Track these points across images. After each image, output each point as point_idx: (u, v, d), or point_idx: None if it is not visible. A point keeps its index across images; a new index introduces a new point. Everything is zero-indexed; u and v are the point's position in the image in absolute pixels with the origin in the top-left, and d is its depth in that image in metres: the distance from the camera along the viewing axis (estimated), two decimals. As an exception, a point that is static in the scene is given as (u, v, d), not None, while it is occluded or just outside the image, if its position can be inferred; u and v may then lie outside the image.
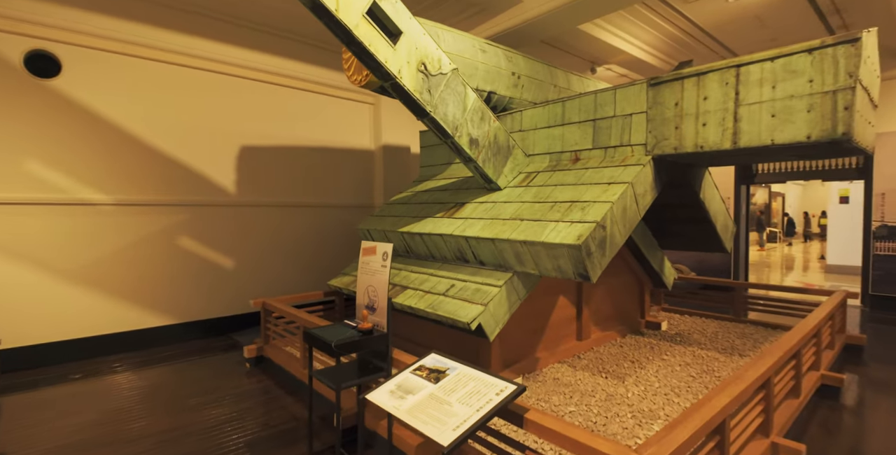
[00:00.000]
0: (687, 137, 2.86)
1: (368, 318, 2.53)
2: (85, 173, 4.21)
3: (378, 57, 2.77)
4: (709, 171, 3.84)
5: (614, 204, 2.75)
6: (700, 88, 2.79)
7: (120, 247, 4.43)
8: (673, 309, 5.44)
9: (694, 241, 4.30)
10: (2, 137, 3.81)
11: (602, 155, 3.33)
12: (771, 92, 2.51)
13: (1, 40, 3.78)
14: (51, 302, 4.06)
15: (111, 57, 4.29)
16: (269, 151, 5.39)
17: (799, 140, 2.43)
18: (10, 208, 3.86)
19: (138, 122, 4.48)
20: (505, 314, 3.03)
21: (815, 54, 2.37)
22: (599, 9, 4.07)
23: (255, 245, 5.31)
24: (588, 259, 2.61)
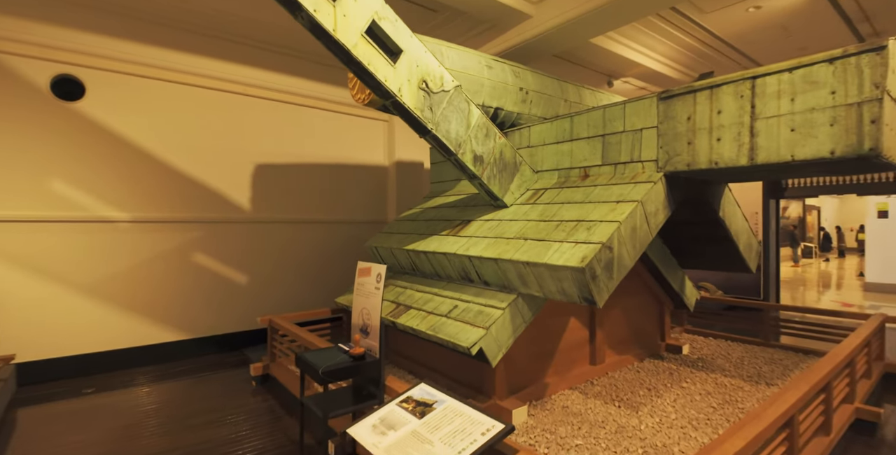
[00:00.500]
0: (700, 153, 2.71)
1: (362, 341, 2.45)
2: (104, 191, 4.34)
3: (377, 76, 2.75)
4: (729, 187, 3.64)
5: (622, 224, 2.61)
6: (713, 102, 2.65)
7: (136, 263, 4.52)
8: (696, 331, 5.16)
9: (716, 261, 4.07)
10: (27, 158, 3.96)
11: (612, 171, 3.19)
12: (790, 105, 2.35)
13: (30, 66, 3.97)
14: (67, 317, 4.15)
15: (131, 79, 4.45)
16: (283, 168, 5.46)
17: (822, 156, 2.25)
18: (33, 226, 4.00)
19: (156, 141, 4.60)
20: (509, 338, 2.90)
21: (836, 64, 2.21)
22: (610, 22, 3.98)
23: (267, 261, 5.34)
24: (593, 282, 2.47)
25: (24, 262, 3.95)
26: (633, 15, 3.88)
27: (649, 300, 4.51)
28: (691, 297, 4.59)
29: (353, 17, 2.64)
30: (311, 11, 2.47)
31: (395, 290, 3.90)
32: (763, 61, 6.08)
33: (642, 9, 3.81)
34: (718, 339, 4.88)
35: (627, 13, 3.85)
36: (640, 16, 3.92)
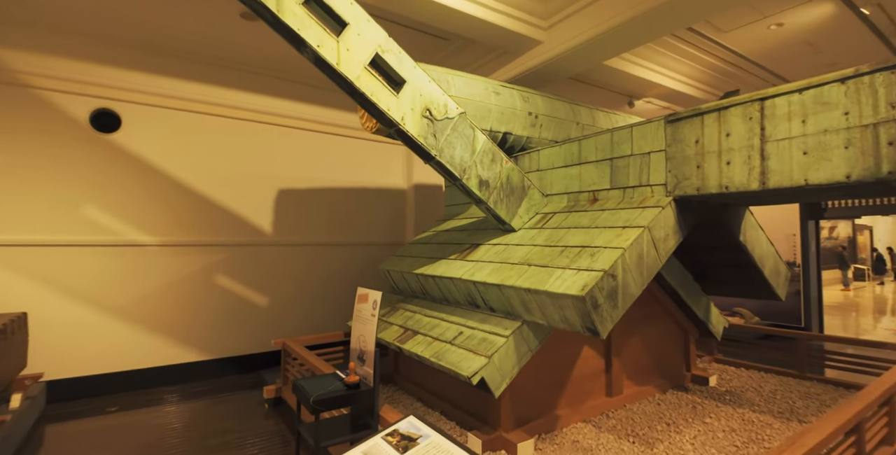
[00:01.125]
0: (710, 177, 2.61)
1: (359, 369, 2.44)
2: (134, 217, 4.58)
3: (380, 105, 2.82)
4: (750, 210, 3.47)
5: (626, 250, 2.52)
6: (721, 124, 2.56)
7: (162, 285, 4.71)
8: (728, 361, 4.85)
9: (741, 287, 3.85)
10: (64, 186, 4.25)
11: (620, 195, 3.12)
12: (801, 127, 2.25)
13: (72, 101, 4.31)
14: (95, 337, 4.35)
15: (162, 111, 4.75)
16: (304, 193, 5.63)
17: (837, 180, 2.12)
18: (68, 249, 4.25)
19: (183, 168, 4.86)
20: (513, 367, 2.81)
21: (848, 84, 2.10)
22: (620, 46, 3.96)
23: (288, 283, 5.45)
24: (595, 312, 2.38)
25: (57, 284, 4.19)
26: (642, 38, 3.85)
27: (672, 328, 4.30)
28: (718, 325, 4.35)
29: (357, 51, 2.74)
30: (315, 47, 2.59)
31: (404, 314, 3.89)
32: (791, 78, 5.86)
33: (651, 32, 3.78)
34: (751, 370, 4.57)
35: (637, 37, 3.82)
36: (649, 39, 3.88)
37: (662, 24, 3.68)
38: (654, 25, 3.67)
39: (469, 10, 3.77)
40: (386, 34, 2.87)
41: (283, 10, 2.48)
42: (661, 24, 3.67)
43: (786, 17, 4.31)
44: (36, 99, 4.13)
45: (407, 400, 3.83)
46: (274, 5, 2.45)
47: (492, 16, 3.89)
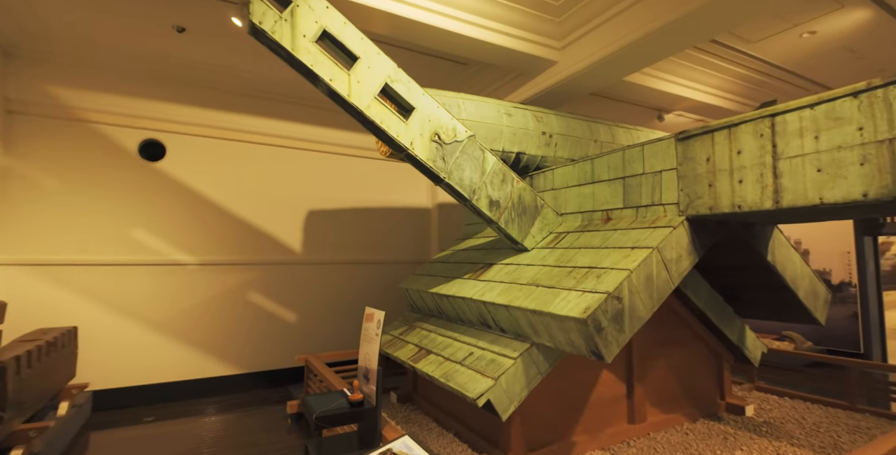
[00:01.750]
0: (722, 196, 2.52)
1: (363, 387, 2.49)
2: (176, 238, 4.93)
3: (389, 132, 2.94)
4: (779, 229, 3.29)
5: (633, 272, 2.46)
6: (732, 141, 2.48)
7: (200, 302, 5.01)
8: (770, 389, 4.52)
9: (776, 310, 3.62)
10: (115, 211, 4.66)
11: (633, 215, 3.05)
12: (814, 143, 2.14)
13: (123, 133, 4.75)
14: (138, 350, 4.66)
15: (202, 140, 5.13)
16: (333, 213, 5.85)
17: (854, 199, 2.00)
18: (116, 269, 4.63)
19: (220, 191, 5.20)
20: (522, 390, 2.77)
21: (861, 98, 2.00)
22: (637, 62, 3.92)
23: (317, 300, 5.64)
24: (598, 335, 2.33)
25: (106, 300, 4.55)
26: (659, 54, 3.80)
27: (703, 352, 4.08)
28: (755, 350, 4.08)
29: (367, 83, 2.88)
30: (328, 80, 2.75)
31: (421, 332, 3.92)
32: (835, 85, 5.54)
33: (668, 48, 3.72)
34: (795, 400, 4.24)
35: (652, 53, 3.78)
36: (667, 54, 3.82)
37: (679, 40, 3.63)
38: (669, 42, 3.62)
39: (482, 36, 3.88)
40: (395, 65, 3.00)
41: (298, 49, 2.66)
42: (677, 41, 3.62)
43: (818, 24, 4.12)
44: (92, 132, 4.59)
45: (423, 420, 3.83)
46: (289, 44, 2.64)
47: (505, 40, 3.97)
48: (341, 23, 2.83)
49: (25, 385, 2.91)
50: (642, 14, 3.51)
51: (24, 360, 2.91)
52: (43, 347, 3.24)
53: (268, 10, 2.58)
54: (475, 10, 3.74)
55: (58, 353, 3.55)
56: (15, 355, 2.80)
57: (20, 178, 4.27)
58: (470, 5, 3.70)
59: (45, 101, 4.38)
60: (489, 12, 3.80)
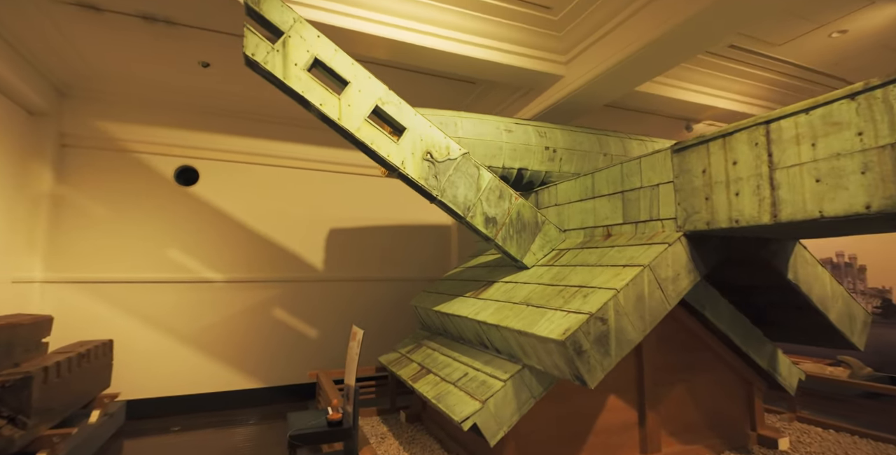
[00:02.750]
0: (719, 210, 2.35)
1: (344, 406, 2.49)
2: (206, 257, 5.24)
3: (380, 152, 3.01)
4: (801, 244, 3.01)
5: (620, 292, 2.33)
6: (727, 152, 2.33)
7: (226, 317, 5.26)
8: (814, 420, 4.07)
9: (807, 334, 3.29)
10: (153, 233, 5.03)
11: (633, 230, 2.90)
12: (811, 151, 1.96)
13: (161, 161, 5.15)
14: (169, 362, 4.94)
15: (231, 165, 5.46)
16: (353, 231, 6.00)
17: (857, 211, 1.80)
18: (152, 286, 4.97)
19: (246, 213, 5.48)
20: (512, 414, 2.67)
21: (859, 100, 1.82)
22: (645, 71, 3.78)
23: (337, 316, 5.75)
24: (579, 358, 2.21)
25: (141, 315, 4.88)
26: (667, 62, 3.65)
27: (730, 379, 3.75)
28: (790, 377, 3.70)
29: (357, 106, 2.98)
30: (318, 105, 2.87)
31: (425, 351, 3.89)
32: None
33: (675, 56, 3.57)
34: (841, 433, 3.78)
35: (660, 62, 3.63)
36: (676, 62, 3.66)
37: (683, 48, 3.48)
38: (674, 50, 3.48)
39: (484, 56, 3.90)
40: (386, 88, 3.08)
41: (289, 77, 2.81)
42: (681, 48, 3.47)
43: (847, 23, 3.82)
44: (134, 161, 5.02)
45: (428, 441, 3.76)
46: (281, 73, 2.79)
47: (508, 58, 3.98)
48: (332, 50, 2.96)
49: (53, 393, 3.16)
50: (641, 25, 3.41)
51: (53, 370, 3.16)
52: (74, 359, 3.51)
53: (260, 42, 2.75)
54: (475, 31, 3.78)
55: (90, 363, 3.83)
56: (43, 366, 3.05)
57: (71, 205, 4.73)
58: (469, 26, 3.75)
59: (94, 134, 4.86)
60: (489, 32, 3.83)
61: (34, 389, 2.87)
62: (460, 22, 3.70)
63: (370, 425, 4.23)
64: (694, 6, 3.07)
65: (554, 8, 3.61)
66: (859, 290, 6.36)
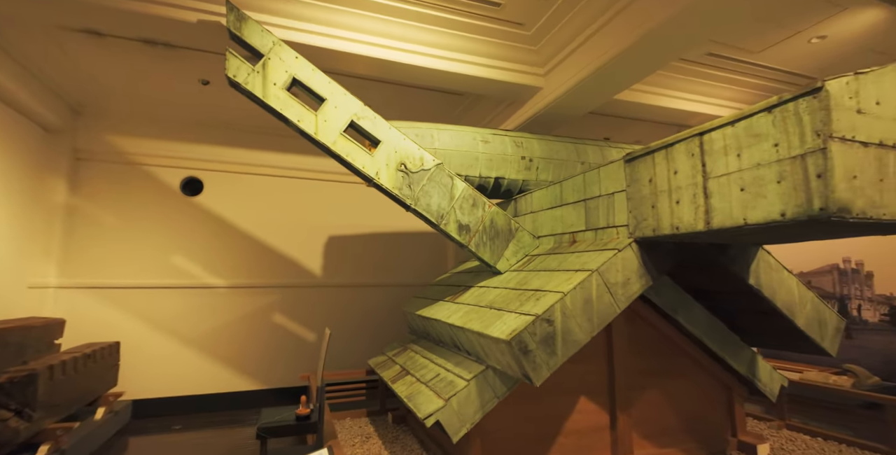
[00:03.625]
0: (663, 217, 2.45)
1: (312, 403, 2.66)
2: (208, 263, 5.52)
3: (355, 164, 3.20)
4: (765, 250, 3.05)
5: (567, 295, 2.45)
6: (669, 162, 2.43)
7: (228, 321, 5.51)
8: (804, 428, 4.04)
9: (775, 338, 3.31)
10: (160, 241, 5.33)
11: (594, 237, 3.01)
12: (737, 161, 2.06)
13: (167, 173, 5.48)
14: (173, 364, 5.21)
15: (234, 176, 5.75)
16: (350, 239, 6.21)
17: (774, 218, 1.89)
18: (158, 291, 5.26)
19: (248, 221, 5.75)
20: (475, 413, 2.79)
21: (775, 113, 1.92)
22: (622, 80, 3.87)
23: (334, 321, 5.95)
24: (525, 357, 2.33)
25: (148, 319, 5.17)
26: (640, 71, 3.73)
27: (709, 383, 3.78)
28: (771, 383, 3.71)
29: (333, 121, 3.19)
30: (296, 121, 3.09)
31: (408, 354, 4.04)
32: (876, 90, 5.03)
33: (649, 64, 3.65)
34: (829, 442, 3.75)
35: (633, 70, 3.72)
36: (649, 70, 3.74)
37: (656, 56, 3.56)
38: (647, 57, 3.55)
39: (464, 70, 4.05)
40: (361, 104, 3.28)
41: (268, 96, 3.04)
42: (654, 56, 3.55)
43: (823, 29, 3.85)
44: (143, 173, 5.36)
45: (409, 441, 3.89)
46: (260, 93, 3.02)
47: (488, 72, 4.13)
48: (310, 70, 3.18)
49: (58, 390, 3.43)
50: (611, 36, 3.53)
51: (59, 368, 3.43)
52: (80, 358, 3.78)
53: (241, 64, 2.99)
54: (452, 47, 3.96)
55: (96, 363, 4.10)
56: (49, 364, 3.32)
57: (84, 215, 5.08)
58: (446, 43, 3.93)
59: (105, 149, 5.21)
60: (466, 48, 4.00)
61: (39, 386, 3.13)
62: (436, 39, 3.88)
63: (358, 426, 4.39)
64: (659, 16, 3.14)
65: (526, 24, 3.77)
66: (866, 297, 6.22)
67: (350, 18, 3.66)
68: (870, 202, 1.78)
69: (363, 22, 3.69)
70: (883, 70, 1.91)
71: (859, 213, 1.75)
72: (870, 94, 1.85)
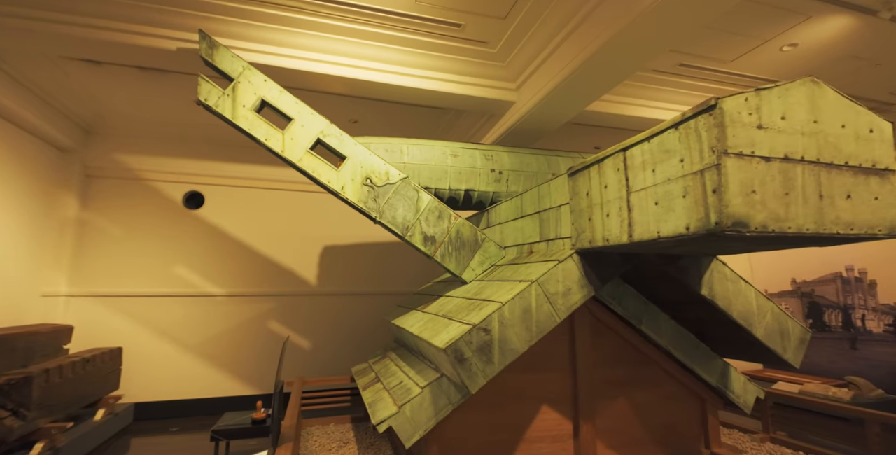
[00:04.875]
0: (597, 230, 2.51)
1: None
2: (208, 273, 5.81)
3: (321, 180, 3.38)
4: (720, 261, 3.06)
5: (505, 305, 2.53)
6: (602, 176, 2.50)
7: (226, 328, 5.77)
8: (787, 442, 3.94)
9: (738, 349, 3.28)
10: (162, 252, 5.66)
11: (546, 248, 3.09)
12: (652, 176, 2.12)
13: (171, 187, 5.81)
14: (173, 369, 5.49)
15: (234, 189, 6.06)
16: (344, 249, 6.41)
17: (680, 232, 1.94)
18: (161, 299, 5.57)
19: (246, 232, 6.03)
20: (429, 420, 2.88)
21: (681, 129, 1.98)
22: (589, 91, 3.94)
23: (327, 328, 6.14)
24: (460, 365, 2.42)
25: (150, 326, 5.48)
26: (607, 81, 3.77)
27: (681, 394, 3.75)
28: (745, 395, 3.65)
29: (300, 139, 3.38)
30: (263, 140, 3.30)
31: (384, 362, 4.16)
32: (864, 97, 4.93)
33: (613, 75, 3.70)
34: (809, 456, 3.66)
35: (599, 81, 3.78)
36: (616, 80, 3.78)
37: (621, 66, 3.60)
38: (611, 67, 3.60)
39: (437, 88, 4.20)
40: (328, 122, 3.47)
41: (237, 117, 3.26)
42: (618, 66, 3.59)
43: (793, 37, 3.83)
44: (146, 188, 5.71)
45: (384, 446, 4.00)
46: (230, 114, 3.25)
47: (461, 89, 4.27)
48: (278, 92, 3.39)
49: (55, 392, 3.70)
50: (571, 50, 3.61)
51: (55, 372, 3.71)
52: (77, 363, 4.07)
53: (212, 89, 3.22)
54: (424, 66, 4.12)
55: (95, 367, 4.39)
56: (45, 368, 3.60)
57: (93, 228, 5.45)
58: (418, 62, 4.10)
59: (113, 166, 5.59)
60: (438, 66, 4.16)
61: (34, 388, 3.40)
62: (408, 59, 4.06)
63: (340, 432, 4.52)
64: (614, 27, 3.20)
65: (490, 42, 3.90)
66: (870, 306, 6.00)
67: (325, 42, 3.87)
68: (773, 216, 1.82)
69: (337, 45, 3.90)
70: (789, 85, 1.95)
71: (759, 227, 1.79)
72: (774, 110, 1.90)
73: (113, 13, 3.32)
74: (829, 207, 1.93)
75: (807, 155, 1.93)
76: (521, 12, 3.46)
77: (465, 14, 3.49)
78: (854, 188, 2.00)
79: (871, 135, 2.08)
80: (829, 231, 1.92)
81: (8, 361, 3.63)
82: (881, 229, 2.03)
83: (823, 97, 2.01)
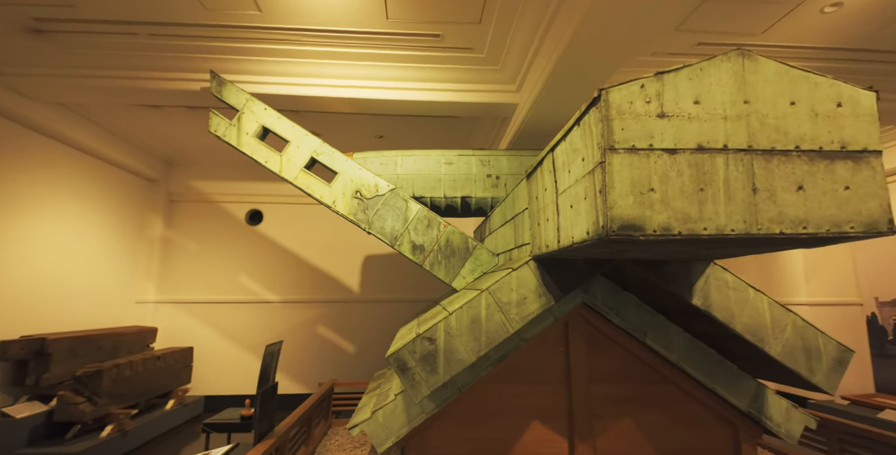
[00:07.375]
0: (542, 235, 2.38)
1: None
2: (267, 281, 6.48)
3: (314, 195, 3.64)
4: (720, 266, 2.66)
5: (452, 314, 2.49)
6: (544, 178, 2.36)
7: (281, 331, 6.38)
8: (855, 484, 3.24)
9: (763, 369, 2.80)
10: (229, 263, 6.45)
11: (517, 254, 2.97)
12: (569, 177, 1.97)
13: (236, 207, 6.62)
14: (238, 366, 6.20)
15: (288, 206, 6.70)
16: (388, 258, 6.71)
17: (584, 237, 1.77)
18: (227, 305, 6.34)
19: (298, 244, 6.62)
20: (401, 427, 2.94)
21: (582, 125, 1.82)
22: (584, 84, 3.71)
23: (374, 333, 6.46)
24: (403, 375, 2.44)
25: (219, 328, 6.26)
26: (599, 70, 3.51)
27: (704, 416, 3.29)
28: (786, 424, 3.11)
29: (296, 159, 3.69)
30: (264, 162, 3.66)
31: (390, 371, 4.28)
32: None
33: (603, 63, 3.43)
34: (878, 506, 2.97)
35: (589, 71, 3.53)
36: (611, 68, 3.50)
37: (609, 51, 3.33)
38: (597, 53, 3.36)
39: (442, 98, 4.26)
40: (320, 142, 3.73)
41: (242, 144, 3.66)
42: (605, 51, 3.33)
43: (833, -4, 3.22)
44: (216, 208, 6.57)
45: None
46: (235, 142, 3.66)
47: (460, 96, 4.28)
48: (276, 118, 3.74)
49: (125, 383, 4.43)
50: (552, 42, 3.44)
51: (125, 366, 4.44)
52: (149, 359, 4.82)
53: (221, 120, 3.67)
54: (420, 78, 4.21)
55: (165, 363, 5.15)
56: (116, 363, 4.34)
57: (175, 244, 6.41)
58: (413, 75, 4.21)
59: (189, 191, 6.54)
60: (436, 77, 4.22)
61: (104, 379, 4.12)
62: (403, 73, 4.18)
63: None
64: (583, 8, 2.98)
65: (474, 47, 3.85)
66: None
67: (321, 68, 4.17)
68: (679, 216, 1.60)
69: (333, 69, 4.17)
70: (705, 63, 1.70)
71: (659, 230, 1.58)
72: (682, 94, 1.67)
73: (144, 65, 3.96)
74: (765, 203, 1.63)
75: (732, 143, 1.65)
76: (493, 14, 3.39)
77: (439, 24, 3.52)
78: (808, 178, 1.66)
79: (837, 110, 1.71)
80: (766, 231, 1.61)
81: (95, 357, 4.43)
82: (854, 225, 1.64)
83: (757, 72, 1.71)
